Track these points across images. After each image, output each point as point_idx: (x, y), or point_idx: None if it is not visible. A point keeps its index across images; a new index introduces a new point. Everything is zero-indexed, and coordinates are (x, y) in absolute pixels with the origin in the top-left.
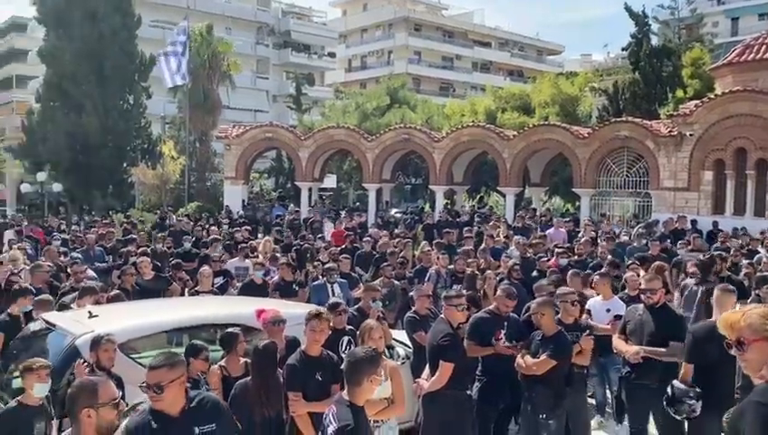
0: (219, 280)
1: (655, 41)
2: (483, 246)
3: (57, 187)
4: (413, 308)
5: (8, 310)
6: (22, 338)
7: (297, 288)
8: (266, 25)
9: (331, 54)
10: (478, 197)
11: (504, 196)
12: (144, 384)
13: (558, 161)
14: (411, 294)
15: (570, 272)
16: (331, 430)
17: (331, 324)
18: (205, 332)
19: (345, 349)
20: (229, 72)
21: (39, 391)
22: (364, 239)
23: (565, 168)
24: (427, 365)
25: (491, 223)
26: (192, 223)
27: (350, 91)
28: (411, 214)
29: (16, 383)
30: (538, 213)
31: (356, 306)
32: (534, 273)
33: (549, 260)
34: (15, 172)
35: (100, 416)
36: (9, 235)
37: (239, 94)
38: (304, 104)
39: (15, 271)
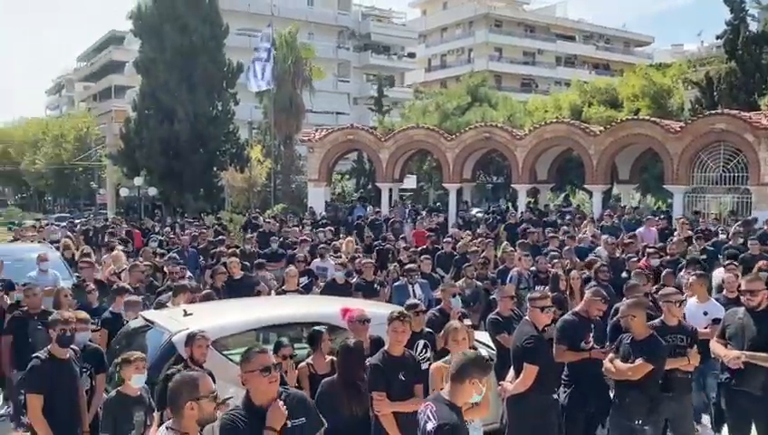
0: (304, 280)
1: (754, 27)
2: (567, 246)
3: (152, 190)
4: (496, 310)
5: (110, 308)
6: (124, 334)
7: (378, 288)
8: (347, 29)
9: (411, 55)
10: (563, 195)
11: (590, 194)
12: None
13: (648, 157)
14: (494, 295)
15: (664, 272)
16: (430, 426)
17: None
18: (291, 330)
19: (421, 352)
20: (312, 76)
21: (136, 381)
22: (444, 240)
23: (656, 163)
24: (511, 368)
25: (579, 222)
26: (278, 224)
27: (429, 91)
28: (493, 213)
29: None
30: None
31: (438, 307)
32: (624, 274)
33: (639, 261)
34: (115, 177)
35: (202, 408)
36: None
37: (321, 97)
38: (385, 106)
39: (117, 271)
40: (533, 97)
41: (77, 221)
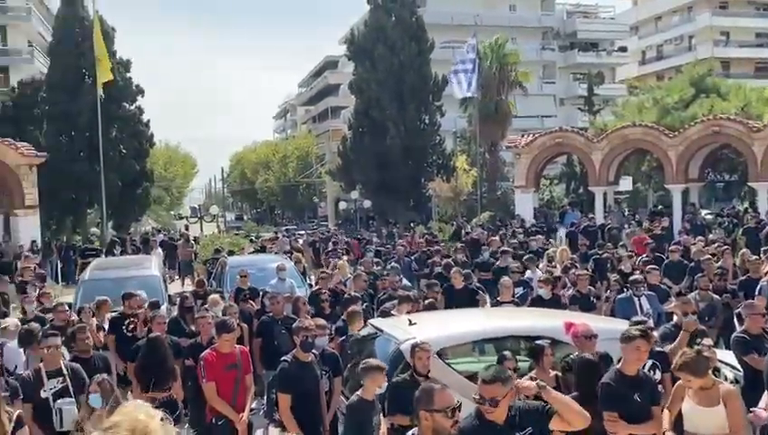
0: (519, 290)
1: None
2: None
3: (367, 203)
4: (742, 326)
5: (342, 316)
6: (355, 341)
7: (595, 301)
8: (551, 29)
9: (622, 49)
10: None
11: None
12: (478, 397)
13: None
14: (738, 310)
15: None
16: None
17: None
18: (510, 342)
19: (648, 373)
20: (518, 81)
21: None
22: (671, 247)
23: None
24: (765, 392)
25: None
26: (486, 233)
27: (645, 86)
28: (728, 216)
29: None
30: None
31: (671, 323)
32: None
33: None
34: (334, 191)
35: (435, 420)
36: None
37: (525, 101)
38: (595, 105)
39: (343, 280)
40: None
41: (301, 233)
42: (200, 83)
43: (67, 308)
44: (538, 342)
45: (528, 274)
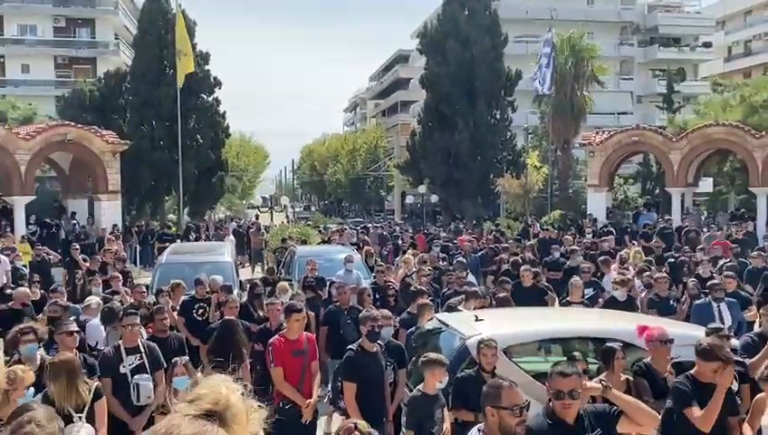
0: (589, 291)
1: None
2: None
3: (434, 198)
4: None
5: (408, 309)
6: (420, 334)
7: (675, 305)
8: (631, 24)
9: (706, 44)
10: None
11: None
12: (554, 392)
13: None
14: None
15: None
16: None
17: None
18: (579, 344)
19: None
20: (594, 76)
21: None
22: (752, 253)
23: None
24: None
25: None
26: (557, 232)
27: (731, 83)
28: None
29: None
30: None
31: (756, 331)
32: None
33: None
34: (401, 185)
35: (502, 418)
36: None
37: (601, 98)
38: (675, 102)
39: (409, 273)
40: None
41: (369, 226)
42: (273, 75)
43: (144, 289)
44: (609, 344)
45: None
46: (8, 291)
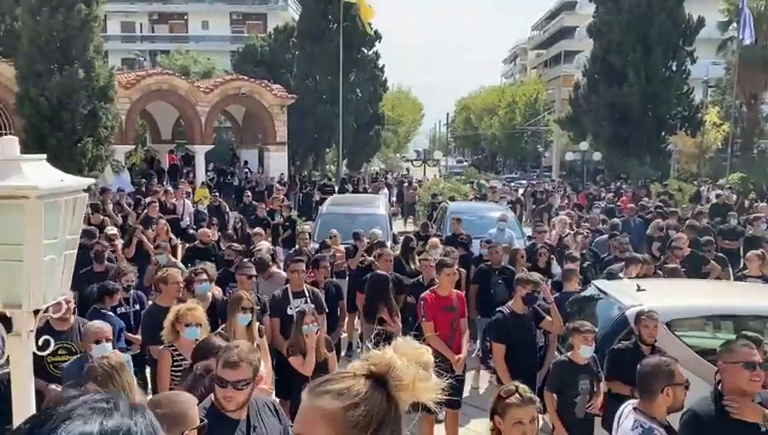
0: None
1: None
2: None
3: (597, 155)
4: None
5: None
6: (575, 300)
7: None
8: None
9: None
10: None
11: None
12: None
13: None
14: None
15: None
16: None
17: None
18: (754, 322)
19: None
20: None
21: (584, 351)
22: None
23: None
24: None
25: None
26: (736, 197)
27: None
28: None
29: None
30: None
31: None
32: None
33: None
34: (561, 142)
35: (676, 396)
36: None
37: None
38: None
39: (562, 235)
40: None
41: (522, 182)
42: (434, 27)
43: (307, 237)
44: None
45: None
46: (191, 231)
